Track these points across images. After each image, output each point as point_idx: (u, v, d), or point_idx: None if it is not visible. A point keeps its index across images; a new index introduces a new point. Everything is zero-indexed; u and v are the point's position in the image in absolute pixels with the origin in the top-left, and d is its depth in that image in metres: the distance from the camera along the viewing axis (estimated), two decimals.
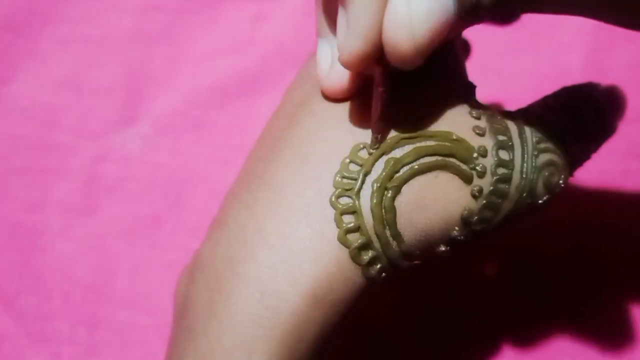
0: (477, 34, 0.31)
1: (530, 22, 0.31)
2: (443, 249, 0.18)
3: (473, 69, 0.21)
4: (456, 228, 0.18)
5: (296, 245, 0.17)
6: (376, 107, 0.18)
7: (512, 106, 0.21)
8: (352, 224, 0.17)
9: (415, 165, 0.18)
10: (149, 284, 0.30)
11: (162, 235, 0.31)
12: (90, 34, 0.34)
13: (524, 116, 0.20)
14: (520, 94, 0.27)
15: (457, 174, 0.18)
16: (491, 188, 0.18)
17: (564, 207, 0.30)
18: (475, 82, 0.21)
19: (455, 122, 0.19)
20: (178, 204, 0.31)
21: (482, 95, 0.21)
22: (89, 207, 0.31)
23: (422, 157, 0.18)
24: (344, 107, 0.19)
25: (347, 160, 0.18)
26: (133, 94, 0.33)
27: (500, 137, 0.19)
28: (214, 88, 0.33)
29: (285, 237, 0.17)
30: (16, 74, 0.33)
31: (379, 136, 0.18)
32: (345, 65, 0.17)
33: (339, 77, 0.19)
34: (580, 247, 0.30)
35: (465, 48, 0.27)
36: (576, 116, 0.20)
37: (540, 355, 0.29)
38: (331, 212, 0.17)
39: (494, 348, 0.29)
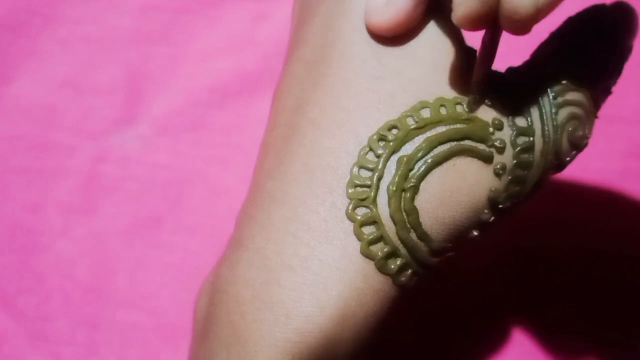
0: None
1: None
2: (475, 234, 0.18)
3: None
4: (485, 211, 0.17)
5: (318, 266, 0.16)
6: (479, 68, 0.17)
7: None
8: (373, 235, 0.16)
9: (429, 158, 0.16)
10: (149, 284, 0.30)
11: (162, 235, 0.31)
12: (90, 34, 0.34)
13: (533, 72, 0.19)
14: None
15: (475, 157, 0.17)
16: (514, 161, 0.17)
17: (565, 207, 0.30)
18: None
19: (458, 88, 0.17)
20: (178, 204, 0.31)
21: None
22: (89, 207, 0.31)
23: (435, 147, 0.17)
24: (339, 109, 0.17)
25: (357, 167, 0.17)
26: (133, 94, 0.33)
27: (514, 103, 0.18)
28: (214, 88, 0.33)
29: (305, 259, 0.16)
30: (16, 74, 0.33)
31: (478, 97, 0.17)
32: (459, 23, 0.16)
33: (394, 14, 0.17)
34: (582, 247, 0.30)
35: None
36: (587, 54, 0.19)
37: (545, 353, 0.29)
38: (350, 226, 0.16)
39: (497, 347, 0.29)
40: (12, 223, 0.31)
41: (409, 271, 0.17)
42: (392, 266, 0.16)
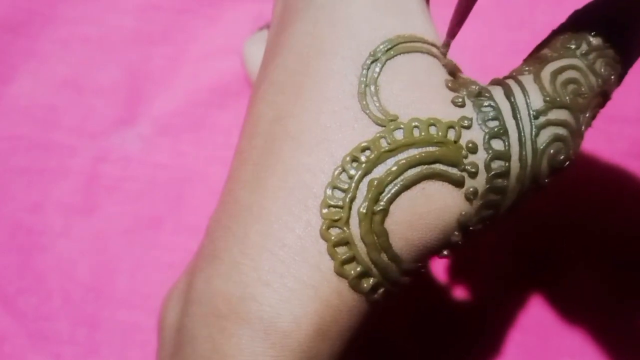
0: (477, 34, 0.31)
1: (530, 22, 0.31)
2: (445, 253, 0.18)
3: (473, 69, 0.21)
4: (455, 233, 0.17)
5: (294, 283, 0.16)
6: (458, 9, 0.17)
7: None
8: (346, 255, 0.16)
9: (399, 181, 0.16)
10: (149, 284, 0.30)
11: (162, 235, 0.31)
12: (90, 34, 0.34)
13: (518, 83, 0.18)
14: None
15: (445, 180, 0.17)
16: (487, 186, 0.17)
17: (566, 207, 0.30)
18: None
19: (433, 107, 0.17)
20: (178, 204, 0.31)
21: None
22: (89, 207, 0.31)
23: (405, 170, 0.16)
24: (318, 126, 0.17)
25: (330, 187, 0.16)
26: (133, 94, 0.33)
27: (491, 124, 0.17)
28: (214, 88, 0.33)
29: (281, 276, 0.16)
30: (16, 74, 0.33)
31: (450, 41, 0.18)
32: None
33: None
34: (582, 247, 0.30)
35: None
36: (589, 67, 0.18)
37: (542, 353, 0.29)
38: (324, 245, 0.16)
39: (496, 347, 0.29)
40: (12, 223, 0.31)
41: (381, 290, 0.17)
42: (365, 285, 0.17)
